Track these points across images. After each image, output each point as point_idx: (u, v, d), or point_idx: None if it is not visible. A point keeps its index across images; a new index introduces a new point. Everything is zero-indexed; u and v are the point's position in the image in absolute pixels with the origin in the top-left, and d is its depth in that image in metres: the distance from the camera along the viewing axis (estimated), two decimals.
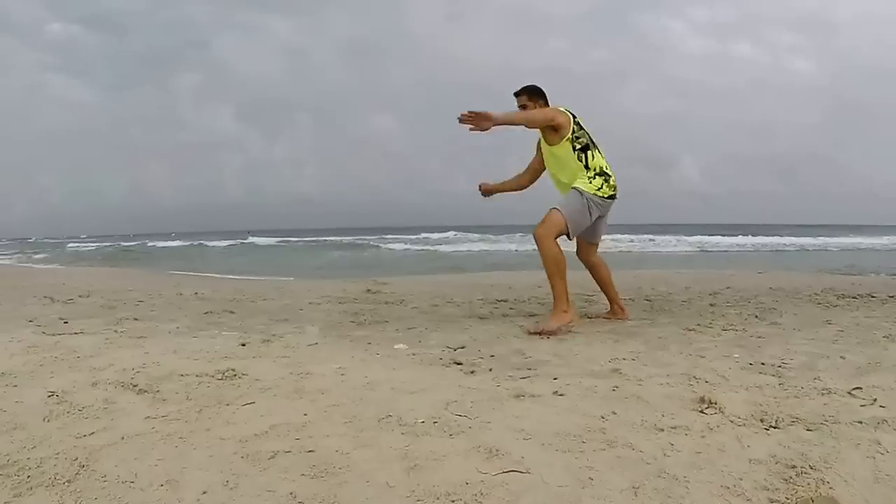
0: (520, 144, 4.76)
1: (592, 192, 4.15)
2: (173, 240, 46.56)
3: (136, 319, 4.37)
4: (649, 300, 5.52)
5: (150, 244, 38.99)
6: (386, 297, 5.71)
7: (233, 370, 2.73)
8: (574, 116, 4.19)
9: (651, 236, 30.42)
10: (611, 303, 4.66)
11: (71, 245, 46.09)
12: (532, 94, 4.30)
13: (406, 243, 27.16)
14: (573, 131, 4.16)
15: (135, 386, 2.53)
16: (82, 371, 2.80)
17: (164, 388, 2.51)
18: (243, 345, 3.38)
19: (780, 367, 2.89)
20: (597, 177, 4.18)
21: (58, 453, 1.85)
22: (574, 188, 4.16)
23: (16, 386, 2.58)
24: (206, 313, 4.75)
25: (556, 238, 4.08)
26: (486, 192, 4.75)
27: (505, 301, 5.55)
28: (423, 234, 37.80)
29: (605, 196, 4.21)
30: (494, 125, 3.84)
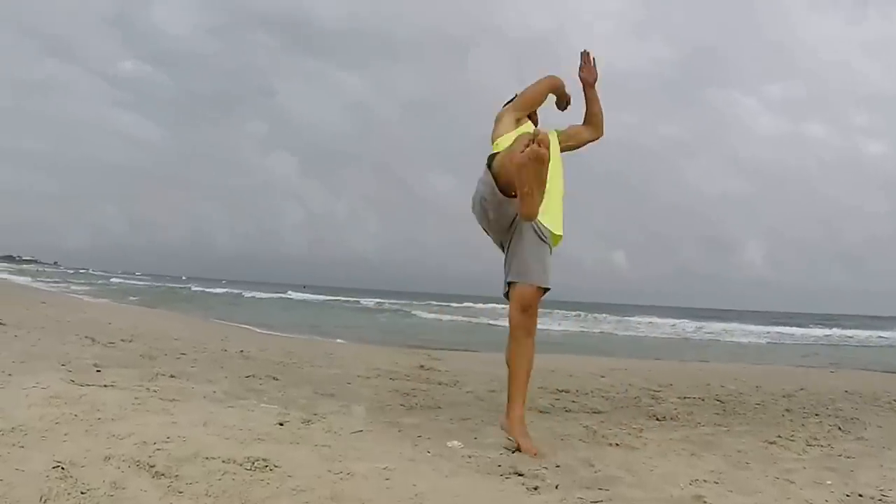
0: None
1: None
2: (223, 286, 47.83)
3: (172, 376, 4.07)
4: (720, 401, 5.06)
5: (198, 289, 40.06)
6: (439, 377, 5.33)
7: (264, 460, 2.36)
8: None
9: (711, 322, 29.93)
10: None
11: (115, 279, 47.94)
12: None
13: (455, 313, 26.80)
14: None
15: (152, 467, 2.21)
16: (99, 437, 2.49)
17: (184, 474, 2.17)
18: (281, 424, 3.02)
19: (880, 501, 2.52)
20: None
21: None
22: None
23: (22, 447, 2.29)
24: (248, 377, 4.43)
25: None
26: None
27: (566, 392, 5.14)
28: (467, 303, 37.55)
29: None
30: None
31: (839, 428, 4.08)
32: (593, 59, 3.63)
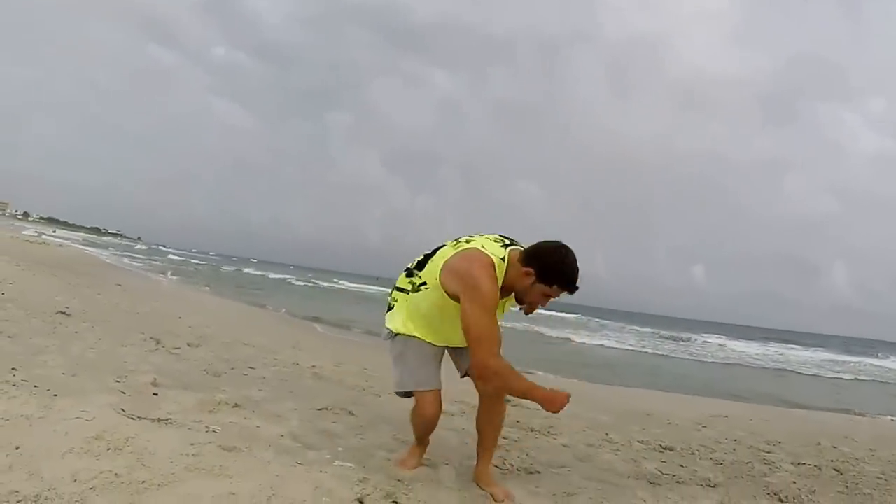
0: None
1: None
2: (291, 272, 49.50)
3: (236, 405, 3.56)
4: (838, 470, 4.42)
5: (254, 272, 41.66)
6: (530, 418, 4.65)
7: None
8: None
9: (785, 346, 30.19)
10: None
11: (174, 256, 50.69)
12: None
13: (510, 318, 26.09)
14: None
15: None
16: None
17: None
18: (361, 502, 2.45)
19: None
20: None
21: None
22: None
23: None
24: (320, 409, 3.89)
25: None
26: None
27: (671, 449, 4.49)
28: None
29: None
30: None
31: None
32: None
